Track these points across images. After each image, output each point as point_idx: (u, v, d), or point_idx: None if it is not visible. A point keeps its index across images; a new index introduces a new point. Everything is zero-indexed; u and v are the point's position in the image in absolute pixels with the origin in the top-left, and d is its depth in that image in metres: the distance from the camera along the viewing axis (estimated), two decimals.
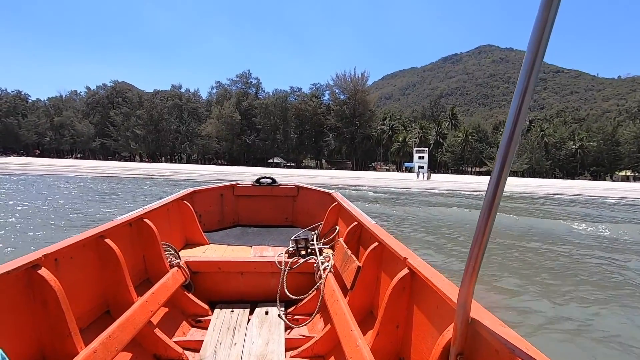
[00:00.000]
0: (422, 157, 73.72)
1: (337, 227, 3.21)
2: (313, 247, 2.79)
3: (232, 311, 2.43)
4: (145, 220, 2.36)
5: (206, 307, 2.45)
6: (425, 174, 48.92)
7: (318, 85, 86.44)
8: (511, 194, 24.70)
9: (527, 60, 0.74)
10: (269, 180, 4.12)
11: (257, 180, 4.11)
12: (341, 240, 2.53)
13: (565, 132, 77.81)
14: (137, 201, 12.44)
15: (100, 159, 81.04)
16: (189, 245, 3.16)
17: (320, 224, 3.45)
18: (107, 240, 1.93)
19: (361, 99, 79.43)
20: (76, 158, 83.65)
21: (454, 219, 11.13)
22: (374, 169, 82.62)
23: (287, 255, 2.74)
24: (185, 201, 3.24)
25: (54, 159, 70.99)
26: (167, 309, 2.27)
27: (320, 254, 2.67)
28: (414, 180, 40.40)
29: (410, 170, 75.00)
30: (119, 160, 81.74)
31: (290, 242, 2.85)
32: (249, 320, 2.33)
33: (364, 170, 77.37)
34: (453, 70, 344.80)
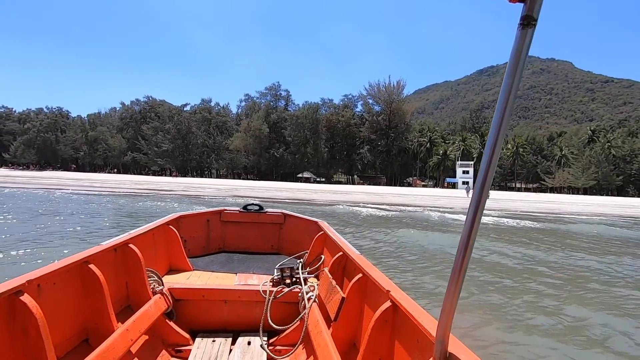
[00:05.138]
0: (467, 172, 66.33)
1: (323, 257, 3.16)
2: (298, 276, 2.73)
3: (213, 341, 2.34)
4: (131, 245, 2.32)
5: (187, 336, 2.37)
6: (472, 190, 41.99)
7: (350, 96, 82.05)
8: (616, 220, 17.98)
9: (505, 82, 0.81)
10: (256, 207, 4.06)
11: (244, 207, 4.05)
12: (326, 270, 2.52)
13: (638, 142, 67.41)
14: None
15: (134, 174, 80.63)
16: (173, 271, 3.09)
17: (306, 252, 3.40)
18: (91, 266, 1.89)
19: (397, 109, 73.65)
20: (110, 172, 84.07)
21: None
22: (409, 185, 75.70)
23: (271, 283, 2.66)
24: (171, 226, 3.18)
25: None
26: (147, 337, 2.16)
27: (305, 284, 2.63)
28: (467, 198, 33.81)
29: (451, 185, 67.67)
30: (149, 174, 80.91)
31: (275, 270, 2.78)
32: (230, 350, 2.26)
33: (399, 186, 70.80)
34: (489, 83, 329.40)
